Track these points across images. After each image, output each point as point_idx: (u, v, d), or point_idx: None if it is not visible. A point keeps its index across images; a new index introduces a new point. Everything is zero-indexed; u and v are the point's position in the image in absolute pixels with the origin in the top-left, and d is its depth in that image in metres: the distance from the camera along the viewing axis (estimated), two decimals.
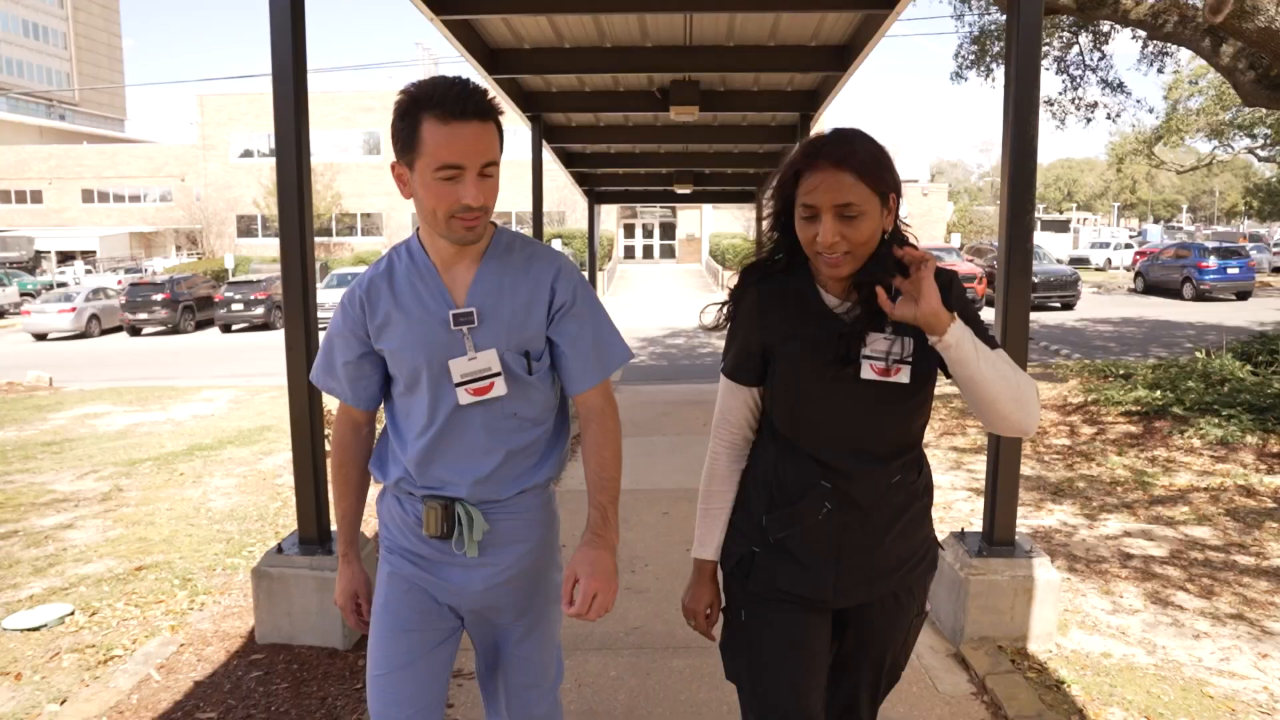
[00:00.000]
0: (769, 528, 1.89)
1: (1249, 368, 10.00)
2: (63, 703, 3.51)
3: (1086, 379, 11.32)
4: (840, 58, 7.46)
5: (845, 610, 1.95)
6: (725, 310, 1.97)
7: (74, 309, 26.64)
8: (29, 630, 4.30)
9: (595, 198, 15.38)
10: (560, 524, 2.14)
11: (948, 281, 1.81)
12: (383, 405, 2.09)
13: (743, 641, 1.95)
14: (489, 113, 1.80)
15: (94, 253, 45.95)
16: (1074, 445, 8.01)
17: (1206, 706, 3.34)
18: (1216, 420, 8.07)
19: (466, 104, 1.75)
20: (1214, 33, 10.84)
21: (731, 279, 1.99)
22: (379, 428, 2.14)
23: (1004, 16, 14.09)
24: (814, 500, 1.84)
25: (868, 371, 1.78)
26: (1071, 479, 6.76)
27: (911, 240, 1.82)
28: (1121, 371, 11.16)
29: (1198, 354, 11.14)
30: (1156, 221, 75.56)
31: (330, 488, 2.16)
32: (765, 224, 1.91)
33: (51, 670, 3.84)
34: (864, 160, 1.72)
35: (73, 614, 4.49)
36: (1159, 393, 9.31)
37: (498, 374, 1.91)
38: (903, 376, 1.78)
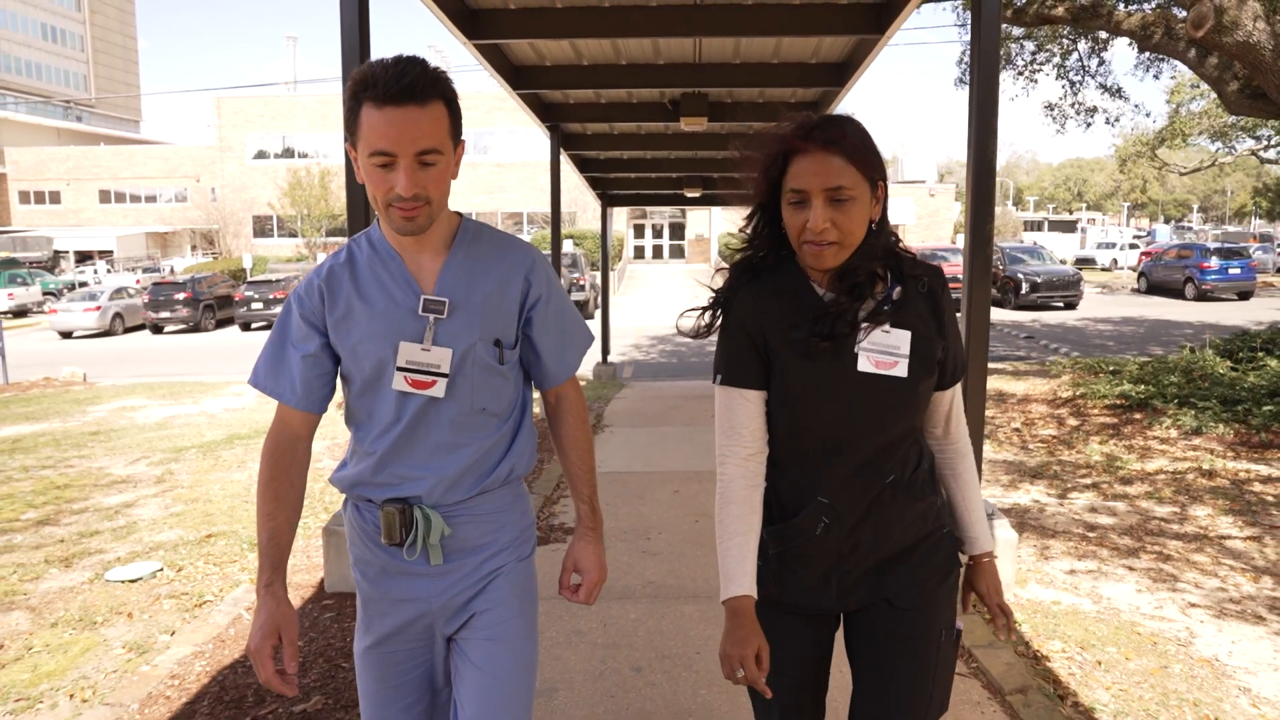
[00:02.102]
0: (769, 542, 1.84)
1: (1229, 363, 10.57)
2: (173, 634, 4.19)
3: (1078, 375, 11.90)
4: (839, 74, 8.05)
5: (865, 613, 1.88)
6: (710, 315, 1.90)
7: (99, 307, 27.25)
8: (129, 582, 4.97)
9: (608, 200, 15.98)
10: (534, 531, 2.04)
11: (941, 284, 1.84)
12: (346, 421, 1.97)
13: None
14: (427, 95, 1.68)
15: (111, 252, 46.68)
16: (1059, 435, 8.58)
17: (1133, 640, 3.95)
18: (1192, 412, 8.65)
19: (397, 87, 1.65)
20: (1199, 45, 11.37)
21: (715, 278, 1.94)
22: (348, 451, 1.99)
23: (1006, 25, 14.46)
24: (810, 516, 1.80)
25: (865, 364, 1.75)
26: (1049, 464, 7.36)
27: (900, 237, 1.86)
28: (1111, 368, 11.74)
29: (1183, 350, 11.72)
30: (1167, 221, 75.61)
31: (257, 507, 1.89)
32: (754, 216, 1.86)
33: (156, 611, 4.51)
34: (855, 144, 1.70)
35: (161, 570, 5.16)
36: (1142, 387, 9.90)
37: (443, 375, 1.82)
38: (899, 370, 1.75)
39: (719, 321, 1.88)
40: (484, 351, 1.85)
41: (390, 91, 1.65)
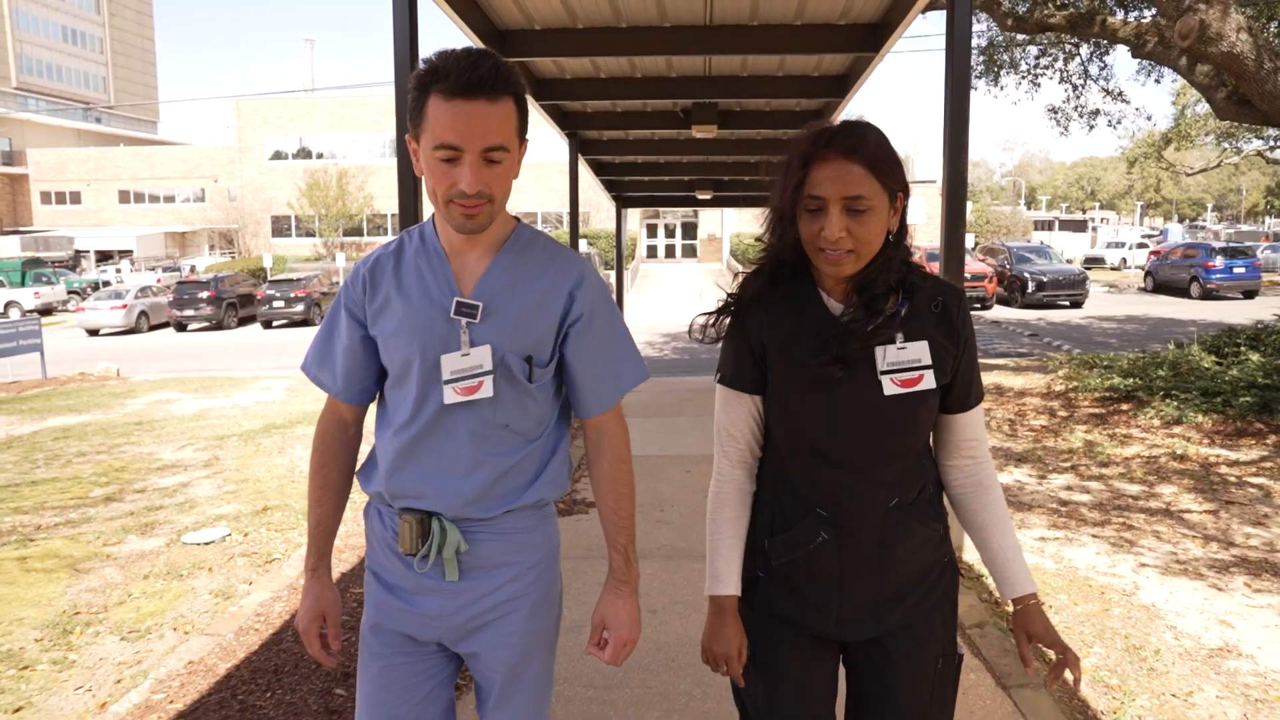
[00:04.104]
0: (770, 553, 1.82)
1: (1213, 358, 11.10)
2: (250, 584, 4.83)
3: (1072, 370, 12.44)
4: (840, 85, 8.63)
5: (860, 649, 1.86)
6: (718, 321, 1.89)
7: (125, 306, 27.91)
8: (203, 544, 5.60)
9: (622, 202, 16.58)
10: (559, 556, 1.97)
11: (958, 303, 1.80)
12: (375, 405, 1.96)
13: (750, 669, 1.88)
14: (498, 91, 1.64)
15: (130, 252, 47.49)
16: (1048, 425, 9.12)
17: (1084, 590, 4.53)
18: (1175, 403, 9.19)
19: (470, 79, 1.61)
20: (1189, 54, 11.87)
21: (734, 282, 1.92)
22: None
23: (1009, 32, 14.85)
24: (808, 528, 1.77)
25: (891, 387, 1.72)
26: (1035, 449, 7.91)
27: (915, 251, 1.85)
28: (1104, 363, 12.28)
29: (1171, 346, 12.25)
30: (1181, 220, 75.66)
31: (308, 491, 1.96)
32: (767, 222, 1.84)
33: (232, 567, 5.15)
34: (875, 153, 1.66)
35: (230, 535, 5.80)
36: (1131, 380, 10.46)
37: (488, 373, 1.76)
38: (927, 382, 1.73)
39: (728, 325, 1.89)
40: (513, 365, 1.78)
41: (461, 84, 1.61)
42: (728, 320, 1.88)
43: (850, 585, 1.77)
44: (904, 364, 1.72)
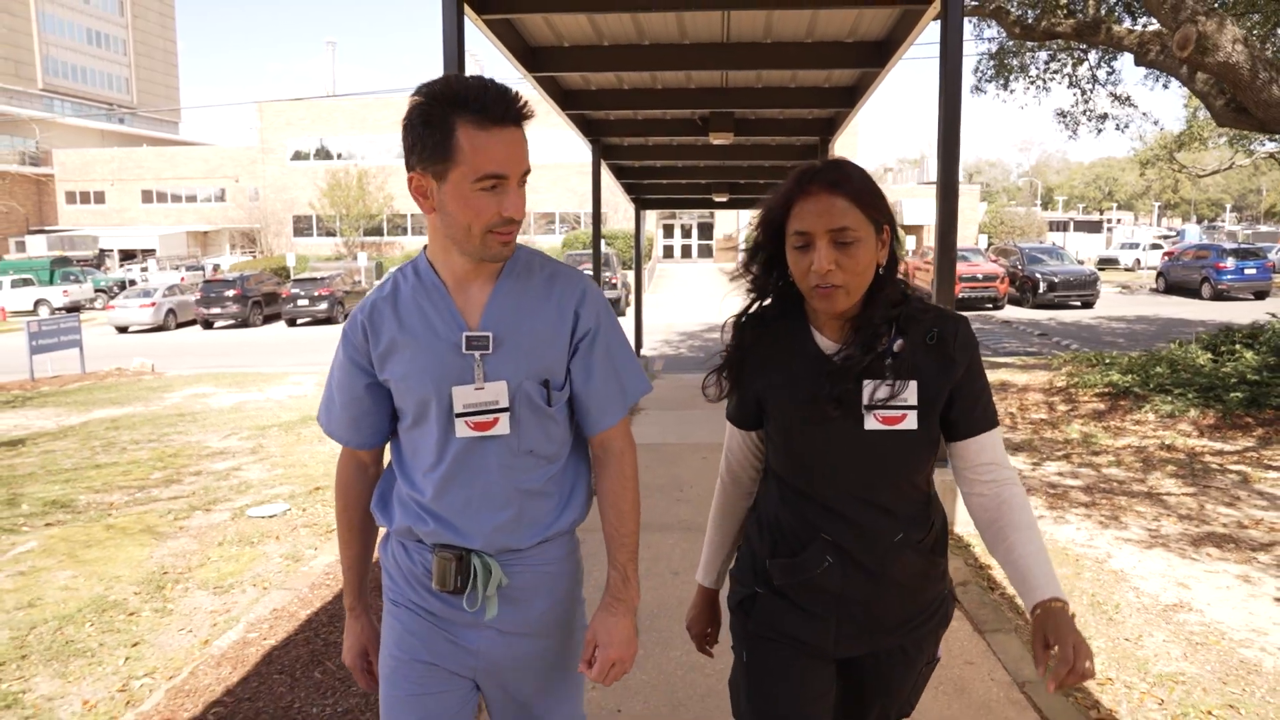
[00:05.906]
0: (772, 573, 1.85)
1: (1209, 355, 11.54)
2: (316, 549, 5.40)
3: (1075, 367, 12.89)
4: (849, 96, 9.13)
5: (851, 658, 1.91)
6: (723, 375, 1.92)
7: (154, 304, 28.58)
8: (267, 517, 6.17)
9: (642, 204, 17.15)
10: (584, 572, 1.99)
11: (954, 331, 1.77)
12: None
13: (745, 681, 1.92)
14: (525, 116, 1.68)
15: (153, 251, 48.28)
16: (1048, 418, 9.60)
17: (1061, 557, 5.04)
18: (1169, 398, 9.65)
19: (508, 108, 1.62)
20: (1187, 63, 12.30)
21: (725, 332, 1.93)
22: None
23: (1017, 39, 15.29)
24: (815, 553, 1.79)
25: (872, 422, 1.72)
26: (1032, 440, 8.40)
27: (913, 283, 1.84)
28: (1105, 360, 12.73)
29: (1171, 344, 12.70)
30: (1200, 221, 75.49)
31: (338, 533, 2.00)
32: (753, 263, 1.85)
33: (296, 536, 5.73)
34: (859, 186, 1.68)
35: (289, 510, 6.35)
36: (1130, 376, 10.92)
37: (504, 410, 1.75)
38: (909, 423, 1.73)
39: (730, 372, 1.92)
40: (531, 391, 1.78)
41: (501, 112, 1.61)
42: (733, 373, 1.92)
43: (848, 610, 1.81)
44: (888, 401, 1.73)
